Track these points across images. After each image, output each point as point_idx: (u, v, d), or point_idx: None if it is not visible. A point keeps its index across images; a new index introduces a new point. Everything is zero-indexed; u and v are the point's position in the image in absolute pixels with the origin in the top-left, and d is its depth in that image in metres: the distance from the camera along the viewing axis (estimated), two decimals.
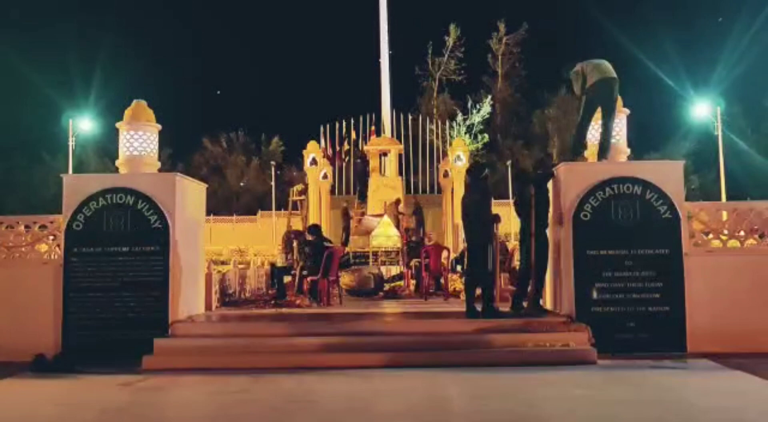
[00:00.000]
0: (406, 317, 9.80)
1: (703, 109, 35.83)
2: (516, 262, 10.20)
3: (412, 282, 13.69)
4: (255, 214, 44.47)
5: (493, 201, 9.40)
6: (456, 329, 8.56)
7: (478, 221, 8.86)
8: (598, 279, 8.57)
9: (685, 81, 41.28)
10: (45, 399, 6.80)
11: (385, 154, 22.07)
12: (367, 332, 8.53)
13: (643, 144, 32.43)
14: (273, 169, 43.96)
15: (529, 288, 9.07)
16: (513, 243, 9.94)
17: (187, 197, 9.55)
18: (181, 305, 9.07)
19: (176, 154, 46.61)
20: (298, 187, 20.23)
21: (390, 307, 10.90)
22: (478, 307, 8.79)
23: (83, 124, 36.54)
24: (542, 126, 50.06)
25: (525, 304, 9.07)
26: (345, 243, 17.55)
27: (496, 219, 8.93)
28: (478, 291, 8.95)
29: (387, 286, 13.64)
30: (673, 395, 6.46)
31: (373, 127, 23.57)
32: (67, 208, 8.99)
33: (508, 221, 11.11)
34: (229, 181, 53.31)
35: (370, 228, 18.45)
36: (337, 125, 22.63)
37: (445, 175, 22.09)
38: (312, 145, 21.40)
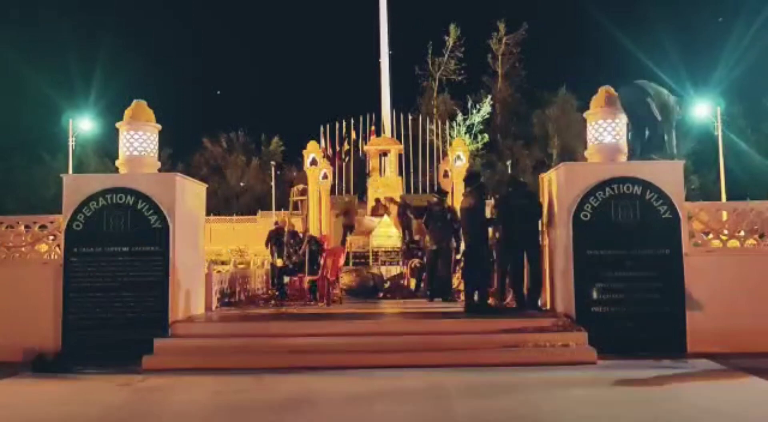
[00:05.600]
0: (406, 317, 9.80)
1: (703, 109, 35.81)
2: None
3: (412, 281, 13.70)
4: (255, 214, 44.49)
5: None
6: (456, 329, 8.57)
7: (475, 225, 9.48)
8: (598, 279, 8.57)
9: (685, 81, 41.27)
10: (45, 399, 6.80)
11: (385, 154, 22.04)
12: (367, 332, 8.53)
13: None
14: (273, 169, 43.99)
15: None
16: None
17: (187, 197, 9.55)
18: (181, 305, 9.08)
19: (176, 154, 46.66)
20: (299, 186, 20.17)
21: (390, 307, 10.90)
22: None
23: (83, 124, 36.54)
24: (542, 126, 50.06)
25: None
26: (343, 243, 17.49)
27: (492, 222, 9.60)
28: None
29: (387, 283, 13.63)
30: (673, 395, 6.46)
31: (373, 127, 23.53)
32: (67, 208, 8.99)
33: None
34: (229, 181, 53.34)
35: (370, 228, 18.43)
36: (337, 125, 22.60)
37: (445, 175, 22.04)
38: (312, 145, 21.36)
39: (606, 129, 9.56)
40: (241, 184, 53.71)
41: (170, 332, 8.57)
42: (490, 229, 10.04)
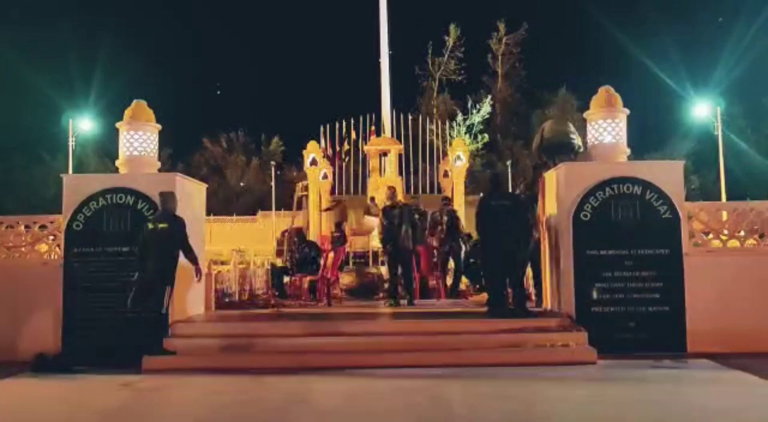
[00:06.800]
0: (406, 317, 9.80)
1: (703, 109, 35.78)
2: None
3: None
4: (255, 214, 44.46)
5: None
6: (456, 329, 8.56)
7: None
8: (598, 279, 8.57)
9: (685, 81, 41.26)
10: (45, 399, 6.81)
11: (385, 154, 22.04)
12: (367, 332, 8.53)
13: (643, 144, 32.44)
14: (273, 169, 43.96)
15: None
16: None
17: (187, 197, 9.55)
18: (181, 305, 9.07)
19: (176, 154, 46.53)
20: (303, 183, 20.10)
21: (390, 307, 10.89)
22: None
23: (83, 124, 36.46)
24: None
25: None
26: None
27: None
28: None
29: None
30: (673, 395, 6.46)
31: (373, 127, 23.52)
32: (67, 208, 8.98)
33: None
34: (229, 181, 53.28)
35: (370, 229, 18.41)
36: (337, 125, 22.60)
37: (445, 175, 22.06)
38: (312, 145, 21.35)
39: (606, 129, 9.55)
40: (241, 184, 53.67)
41: (170, 332, 8.57)
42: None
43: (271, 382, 7.18)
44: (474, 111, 48.20)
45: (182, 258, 9.12)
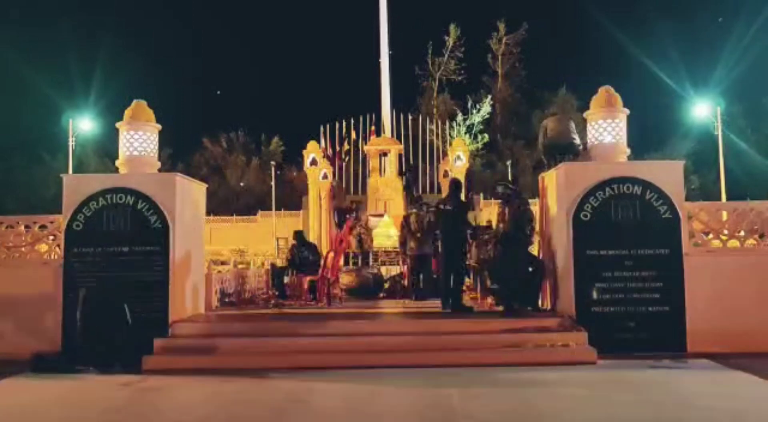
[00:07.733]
0: (406, 317, 9.80)
1: (703, 109, 35.81)
2: None
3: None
4: (255, 214, 44.52)
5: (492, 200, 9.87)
6: (456, 329, 8.56)
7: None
8: (598, 279, 8.57)
9: (685, 81, 41.35)
10: (45, 399, 6.80)
11: (385, 154, 22.11)
12: (366, 332, 8.53)
13: (643, 144, 32.51)
14: (273, 169, 44.02)
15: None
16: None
17: (187, 197, 9.55)
18: (181, 305, 9.07)
19: (176, 154, 46.67)
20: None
21: (390, 307, 10.90)
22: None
23: (83, 124, 36.51)
24: None
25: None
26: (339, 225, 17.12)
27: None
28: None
29: (387, 283, 13.63)
30: (672, 395, 6.46)
31: (373, 127, 23.62)
32: (67, 208, 8.98)
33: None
34: (229, 181, 53.33)
35: (370, 228, 18.43)
36: (337, 125, 22.67)
37: (445, 174, 22.11)
38: (312, 145, 21.43)
39: (606, 129, 9.55)
40: (241, 184, 53.72)
41: (170, 332, 8.57)
42: None
43: (271, 382, 7.18)
44: (474, 111, 48.31)
45: (184, 259, 9.14)
